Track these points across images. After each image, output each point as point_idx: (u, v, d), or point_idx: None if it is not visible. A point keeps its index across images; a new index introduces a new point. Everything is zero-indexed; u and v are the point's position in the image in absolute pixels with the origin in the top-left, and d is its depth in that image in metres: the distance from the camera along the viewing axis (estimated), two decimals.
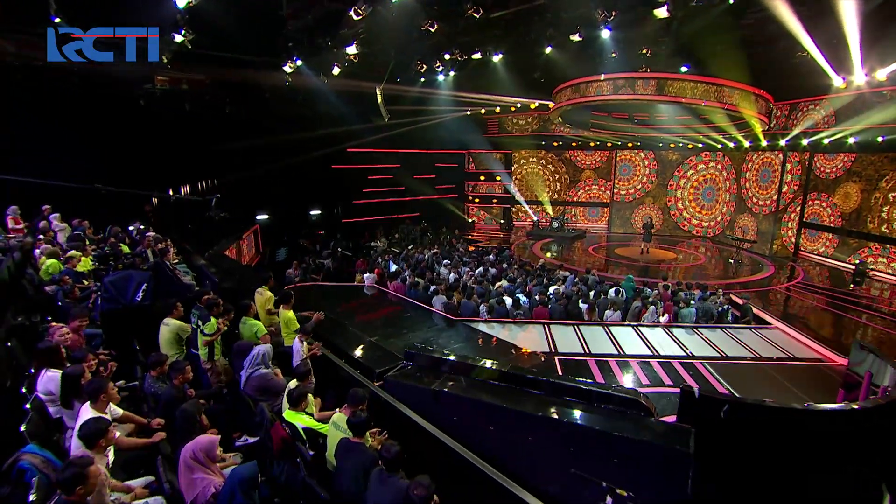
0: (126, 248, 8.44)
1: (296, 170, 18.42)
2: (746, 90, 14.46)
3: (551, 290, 12.36)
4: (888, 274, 16.85)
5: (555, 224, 23.78)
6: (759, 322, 11.75)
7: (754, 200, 21.08)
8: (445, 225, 23.82)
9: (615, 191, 25.47)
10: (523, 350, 9.18)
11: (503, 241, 22.75)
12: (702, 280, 15.72)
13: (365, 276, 13.64)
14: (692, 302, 11.73)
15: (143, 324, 5.57)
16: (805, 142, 18.02)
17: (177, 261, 9.16)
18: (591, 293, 12.23)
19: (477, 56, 15.60)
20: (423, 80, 20.20)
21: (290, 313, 6.71)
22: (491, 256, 16.03)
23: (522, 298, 11.58)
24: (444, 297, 11.01)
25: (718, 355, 9.50)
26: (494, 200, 26.89)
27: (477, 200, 27.09)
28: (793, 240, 20.28)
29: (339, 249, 17.56)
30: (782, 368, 9.10)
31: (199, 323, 5.51)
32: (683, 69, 15.11)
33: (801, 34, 11.28)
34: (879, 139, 15.66)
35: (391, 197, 23.87)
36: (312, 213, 21.30)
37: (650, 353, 9.41)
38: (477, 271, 13.89)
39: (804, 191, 19.71)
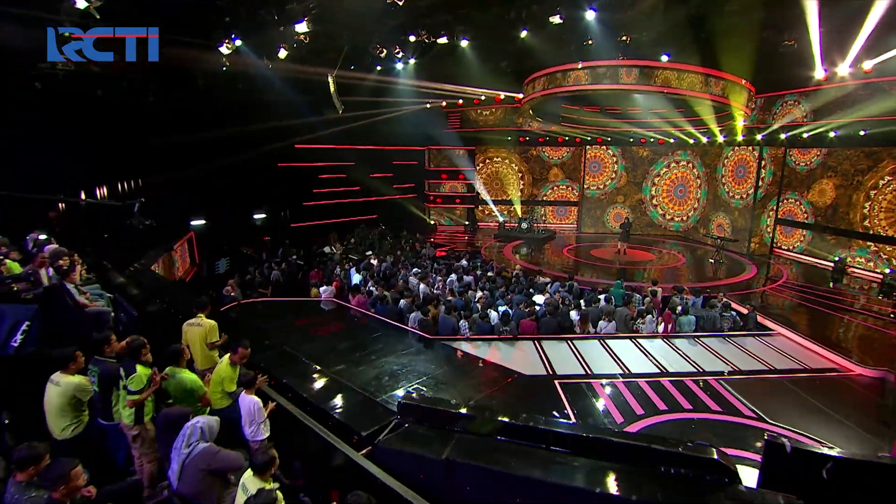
0: (15, 268, 6.75)
1: (236, 168, 16.71)
2: (734, 80, 14.10)
3: (536, 299, 11.45)
4: (867, 271, 17.05)
5: (524, 225, 23.04)
6: (760, 328, 11.28)
7: (731, 195, 21.08)
8: (406, 228, 22.60)
9: (584, 188, 25.04)
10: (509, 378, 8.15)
11: (469, 245, 21.77)
12: (685, 283, 15.34)
13: (321, 289, 12.27)
14: (689, 309, 11.13)
15: (19, 383, 4.07)
16: (783, 136, 18.05)
17: (87, 280, 7.52)
18: (581, 302, 11.38)
19: (443, 41, 14.51)
20: (379, 68, 18.96)
21: (228, 368, 5.03)
22: (463, 262, 14.97)
23: (503, 310, 10.57)
24: (419, 313, 9.83)
25: (731, 369, 8.82)
26: (458, 200, 25.90)
27: (439, 200, 26.01)
28: (770, 237, 20.40)
29: (293, 257, 16.02)
30: (801, 382, 8.53)
31: (122, 375, 4.09)
32: (664, 58, 14.61)
33: (808, 17, 10.85)
34: (861, 133, 15.74)
35: (345, 198, 22.41)
36: (256, 216, 19.55)
37: (658, 371, 8.63)
38: (449, 280, 12.79)
39: (779, 186, 19.84)
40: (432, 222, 25.99)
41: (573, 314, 10.59)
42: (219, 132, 15.53)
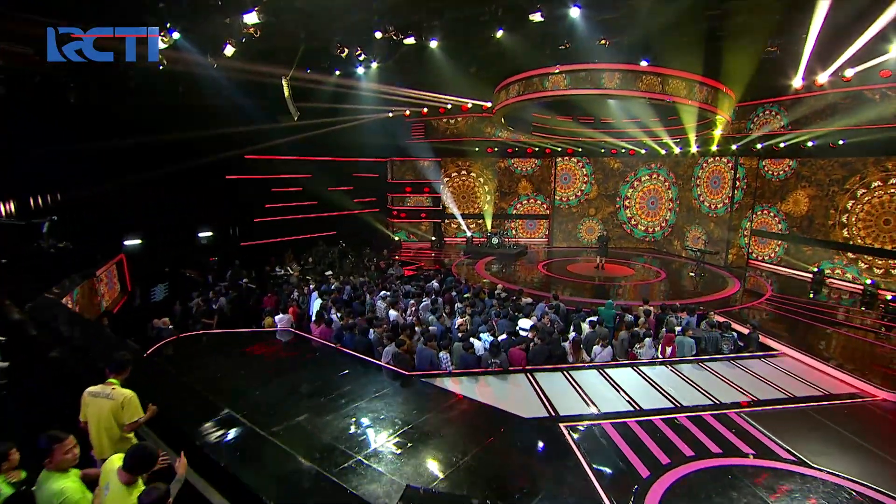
0: None
1: (179, 181, 15.07)
2: (717, 87, 13.68)
3: (522, 324, 10.40)
4: (845, 282, 16.96)
5: (494, 240, 22.13)
6: (762, 348, 10.62)
7: (708, 206, 20.84)
8: (369, 245, 21.27)
9: (555, 201, 24.43)
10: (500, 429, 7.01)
11: (438, 262, 20.64)
12: (672, 299, 14.69)
13: (276, 318, 10.83)
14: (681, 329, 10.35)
15: None
16: (759, 146, 17.93)
17: None
18: (572, 326, 10.39)
19: (410, 41, 13.48)
20: (338, 72, 17.78)
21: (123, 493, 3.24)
22: (435, 284, 13.80)
23: (487, 337, 9.46)
24: (393, 346, 8.58)
25: (749, 400, 7.99)
26: (423, 214, 24.78)
27: (403, 215, 24.81)
28: (748, 248, 20.27)
29: (243, 281, 14.44)
30: (826, 412, 7.78)
31: None
32: (643, 63, 14.06)
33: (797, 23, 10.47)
34: (840, 142, 15.66)
35: (302, 213, 20.89)
36: (201, 235, 17.79)
37: (671, 405, 7.69)
38: (423, 305, 11.58)
39: (753, 197, 19.75)
40: (397, 238, 24.74)
41: (566, 340, 9.60)
42: (156, 140, 13.91)
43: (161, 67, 11.78)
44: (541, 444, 6.54)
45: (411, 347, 8.88)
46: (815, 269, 17.40)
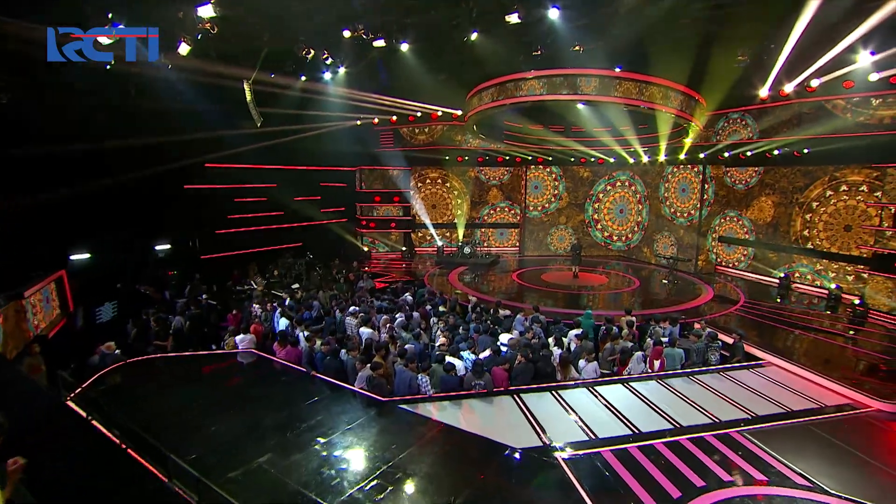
0: None
1: (132, 190, 13.76)
2: (692, 95, 13.37)
3: (502, 339, 9.63)
4: (810, 286, 16.93)
5: (466, 249, 21.40)
6: (748, 357, 10.18)
7: (677, 214, 20.67)
8: (337, 256, 20.19)
9: (526, 210, 23.91)
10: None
11: (409, 273, 19.75)
12: (648, 309, 14.25)
13: (238, 338, 9.73)
14: (666, 339, 9.81)
15: None
16: (727, 154, 17.84)
17: None
18: (551, 340, 9.67)
19: (380, 44, 12.68)
20: (304, 78, 16.82)
21: None
22: (408, 297, 12.92)
23: (469, 356, 8.66)
24: (368, 369, 7.66)
25: (748, 416, 7.43)
26: (393, 224, 23.84)
27: (372, 225, 23.82)
28: (716, 254, 20.19)
29: (203, 297, 13.20)
30: (828, 426, 7.33)
31: None
32: (617, 69, 13.66)
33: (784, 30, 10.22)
34: (805, 150, 15.62)
35: (267, 224, 19.67)
36: (159, 248, 16.39)
37: (671, 426, 7.04)
38: (398, 321, 10.68)
39: (720, 205, 19.69)
40: (366, 249, 23.72)
41: (554, 353, 8.88)
42: (108, 146, 12.62)
43: (108, 67, 10.64)
44: (539, 481, 5.74)
45: (387, 370, 7.99)
46: (782, 275, 17.38)
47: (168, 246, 16.58)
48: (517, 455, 6.12)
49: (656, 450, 6.35)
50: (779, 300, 16.08)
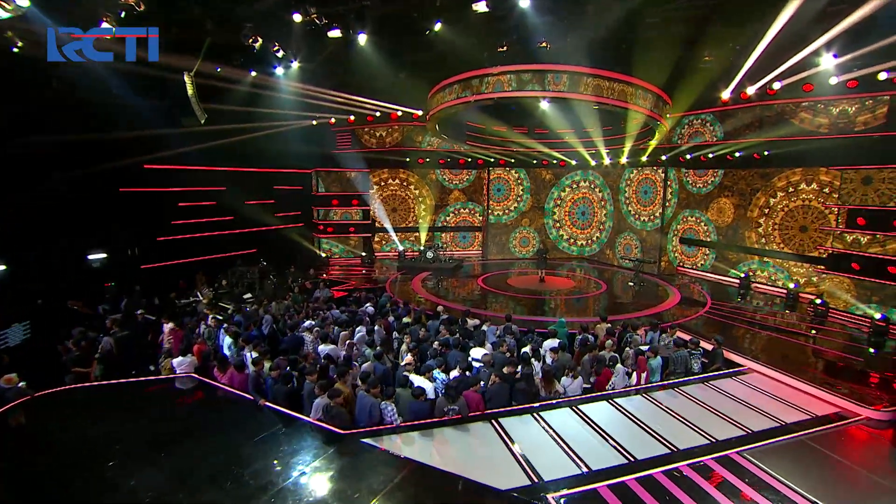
0: None
1: (60, 194, 12.07)
2: (661, 95, 12.86)
3: (474, 353, 8.66)
4: (768, 286, 16.87)
5: (429, 254, 20.38)
6: (726, 363, 9.62)
7: (637, 217, 20.33)
8: (293, 263, 18.74)
9: (489, 213, 23.11)
10: None
11: (369, 280, 18.55)
12: (616, 311, 13.65)
13: (175, 361, 8.36)
14: (646, 348, 9.13)
15: None
16: (688, 156, 17.58)
17: None
18: (529, 349, 8.79)
19: (335, 34, 11.52)
20: (254, 73, 15.41)
21: None
22: (369, 308, 11.77)
23: (440, 375, 7.66)
24: (325, 398, 6.51)
25: (743, 433, 6.76)
26: (352, 229, 22.53)
27: (330, 230, 22.43)
28: (676, 255, 20.00)
29: (140, 312, 11.62)
30: (826, 441, 6.79)
31: None
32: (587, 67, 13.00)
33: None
34: (766, 153, 15.46)
35: (216, 230, 18.03)
36: (92, 257, 14.56)
37: (667, 450, 6.27)
38: (358, 335, 9.55)
39: (680, 206, 19.50)
40: (324, 255, 22.30)
41: (535, 367, 7.98)
42: (28, 144, 10.94)
43: (15, 50, 9.06)
44: None
45: (348, 396, 6.86)
46: (742, 275, 17.26)
47: (104, 255, 14.77)
48: (504, 501, 5.15)
49: (656, 481, 5.54)
50: (739, 299, 15.93)
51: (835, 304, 13.96)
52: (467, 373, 7.75)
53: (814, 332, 12.56)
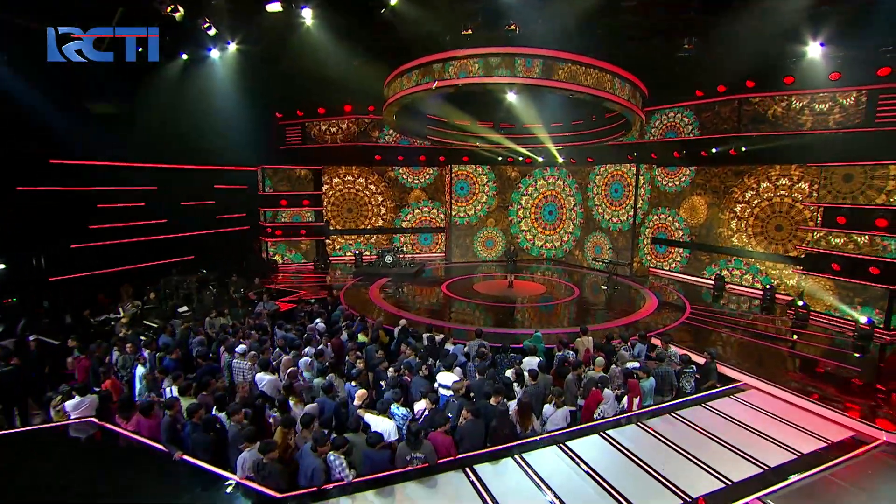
0: None
1: None
2: (638, 85, 12.06)
3: (442, 378, 7.50)
4: (742, 286, 16.52)
5: (388, 258, 19.09)
6: (721, 379, 8.85)
7: (606, 217, 19.66)
8: (236, 271, 17.05)
9: (451, 213, 22.00)
10: None
11: (323, 287, 17.10)
12: (592, 320, 12.81)
13: (69, 403, 6.80)
14: (636, 365, 8.23)
15: None
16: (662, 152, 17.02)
17: None
18: (512, 374, 7.70)
19: (274, 7, 10.14)
20: (185, 56, 13.82)
21: None
22: (320, 324, 10.42)
23: (400, 411, 6.46)
24: (254, 452, 5.20)
25: (760, 470, 5.89)
26: (303, 231, 20.93)
27: (279, 233, 20.76)
28: (649, 257, 19.50)
29: (32, 338, 9.85)
30: (846, 473, 6.00)
31: None
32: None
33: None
34: (743, 149, 14.97)
35: (145, 234, 16.15)
36: None
37: (677, 499, 5.27)
38: (304, 359, 8.21)
39: (652, 204, 18.99)
40: (276, 258, 20.62)
41: (511, 402, 6.88)
42: None
43: None
44: None
45: (288, 447, 5.56)
46: (716, 275, 16.86)
47: (2, 266, 12.79)
48: None
49: None
50: (716, 301, 15.49)
51: (815, 305, 13.58)
52: (433, 406, 6.58)
53: (795, 336, 12.11)
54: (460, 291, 16.13)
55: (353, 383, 7.32)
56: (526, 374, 7.50)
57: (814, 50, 10.12)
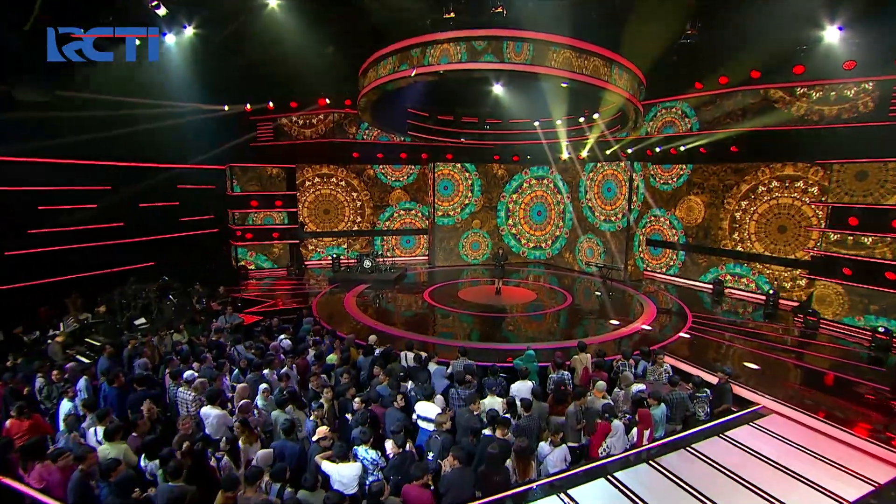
0: None
1: None
2: (638, 75, 11.18)
3: (421, 409, 6.51)
4: (742, 290, 15.80)
5: (366, 262, 18.03)
6: (738, 402, 7.98)
7: (600, 218, 18.80)
8: (200, 279, 15.83)
9: (435, 214, 21.00)
10: None
11: (295, 296, 15.99)
12: (587, 332, 11.92)
13: None
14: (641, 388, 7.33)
15: None
16: (658, 149, 16.22)
17: None
18: (502, 406, 6.70)
19: None
20: (138, 41, 12.58)
21: None
22: (284, 342, 9.35)
23: (369, 454, 5.44)
24: None
25: None
26: (275, 235, 19.76)
27: (249, 236, 19.56)
28: (643, 258, 18.75)
29: None
30: None
31: None
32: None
33: None
34: (745, 145, 14.21)
35: (97, 239, 14.86)
36: None
37: None
38: (262, 385, 7.13)
39: (646, 204, 18.20)
40: (247, 265, 19.39)
41: (511, 438, 5.90)
42: None
43: None
44: None
45: None
46: (715, 280, 16.14)
47: None
48: None
49: None
50: (717, 307, 14.78)
51: (824, 312, 12.86)
52: (408, 449, 5.60)
53: (787, 338, 11.37)
54: (444, 299, 15.13)
55: (314, 417, 6.31)
56: (518, 403, 6.54)
57: (832, 34, 9.29)
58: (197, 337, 10.76)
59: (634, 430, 6.51)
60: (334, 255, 19.57)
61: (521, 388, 7.31)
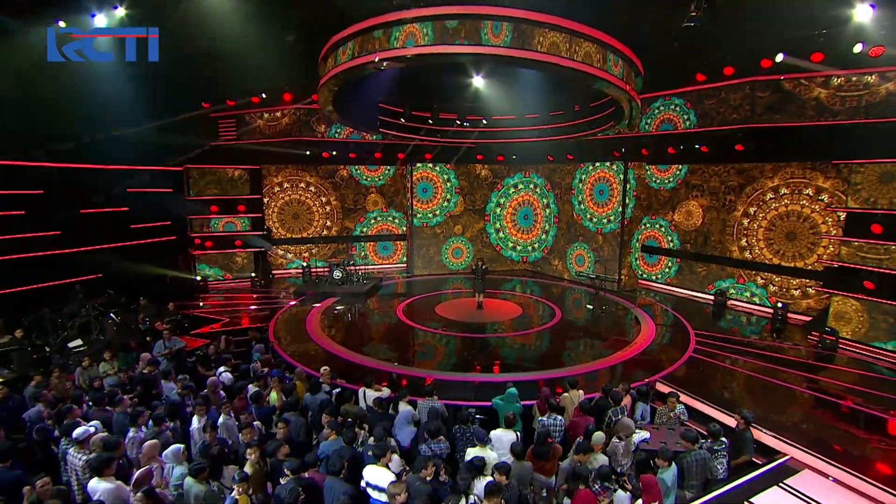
0: None
1: None
2: (635, 62, 10.01)
3: (371, 476, 5.21)
4: (746, 302, 14.74)
5: (337, 273, 16.69)
6: (759, 451, 6.78)
7: (593, 221, 17.63)
8: (148, 293, 14.38)
9: (413, 218, 19.71)
10: None
11: (255, 313, 14.60)
12: (579, 356, 10.71)
13: None
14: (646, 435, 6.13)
15: None
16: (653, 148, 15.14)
17: None
18: (466, 478, 5.39)
19: None
20: (61, 23, 11.17)
21: None
22: (224, 375, 8.00)
23: None
24: None
25: None
26: (238, 242, 18.33)
27: (209, 244, 18.10)
28: (640, 267, 17.66)
29: None
30: None
31: None
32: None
33: None
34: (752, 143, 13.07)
35: (27, 250, 13.35)
36: None
37: None
38: (173, 449, 5.76)
39: (641, 208, 17.09)
40: (199, 278, 17.91)
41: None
42: None
43: None
44: None
45: None
46: (716, 290, 15.08)
47: None
48: None
49: None
50: (716, 319, 13.74)
51: (842, 330, 11.75)
52: None
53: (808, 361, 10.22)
54: (418, 316, 13.84)
55: (236, 493, 4.97)
56: (493, 467, 5.25)
57: (862, 12, 8.14)
58: (129, 368, 9.40)
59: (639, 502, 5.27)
60: (304, 264, 18.27)
61: (503, 439, 6.06)
